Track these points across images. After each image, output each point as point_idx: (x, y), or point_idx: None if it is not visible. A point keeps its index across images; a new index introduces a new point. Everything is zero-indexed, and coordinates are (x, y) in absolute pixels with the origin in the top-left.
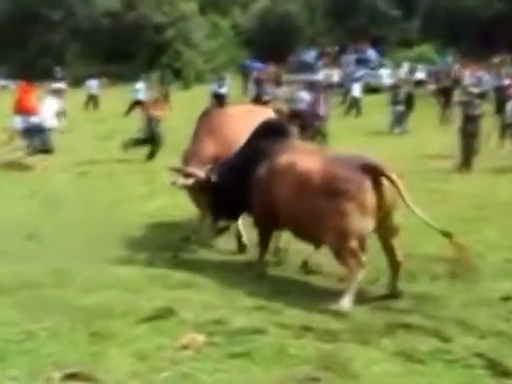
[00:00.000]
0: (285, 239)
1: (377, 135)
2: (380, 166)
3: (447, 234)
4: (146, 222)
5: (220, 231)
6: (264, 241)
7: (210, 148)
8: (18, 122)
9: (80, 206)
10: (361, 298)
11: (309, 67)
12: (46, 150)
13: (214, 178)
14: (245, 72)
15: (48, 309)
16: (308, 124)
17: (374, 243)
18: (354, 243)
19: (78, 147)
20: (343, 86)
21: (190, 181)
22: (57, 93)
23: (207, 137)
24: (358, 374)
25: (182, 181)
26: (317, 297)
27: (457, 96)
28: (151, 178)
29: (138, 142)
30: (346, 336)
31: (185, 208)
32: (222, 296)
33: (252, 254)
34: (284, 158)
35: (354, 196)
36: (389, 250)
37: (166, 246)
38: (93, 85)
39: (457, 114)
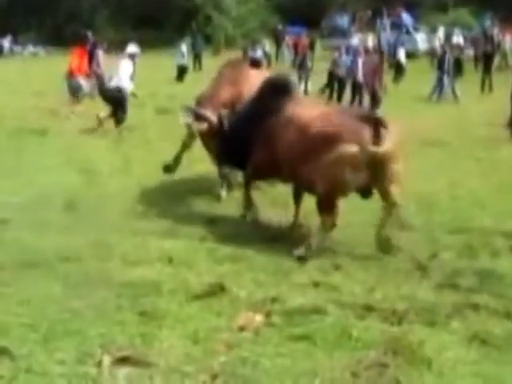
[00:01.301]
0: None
1: (418, 101)
2: (381, 119)
3: None
4: (184, 191)
5: (220, 177)
6: (296, 200)
7: (224, 94)
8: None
9: (117, 174)
10: (422, 276)
11: (342, 32)
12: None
13: (225, 125)
14: (278, 37)
15: (91, 284)
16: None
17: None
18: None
19: None
20: (382, 51)
21: (204, 125)
22: (131, 56)
23: (225, 84)
24: (430, 359)
25: (196, 125)
26: (372, 273)
27: (497, 61)
28: None
29: None
30: (411, 317)
31: None
32: (274, 271)
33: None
34: (288, 110)
35: (350, 143)
36: (384, 194)
37: (206, 216)
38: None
39: (499, 80)
